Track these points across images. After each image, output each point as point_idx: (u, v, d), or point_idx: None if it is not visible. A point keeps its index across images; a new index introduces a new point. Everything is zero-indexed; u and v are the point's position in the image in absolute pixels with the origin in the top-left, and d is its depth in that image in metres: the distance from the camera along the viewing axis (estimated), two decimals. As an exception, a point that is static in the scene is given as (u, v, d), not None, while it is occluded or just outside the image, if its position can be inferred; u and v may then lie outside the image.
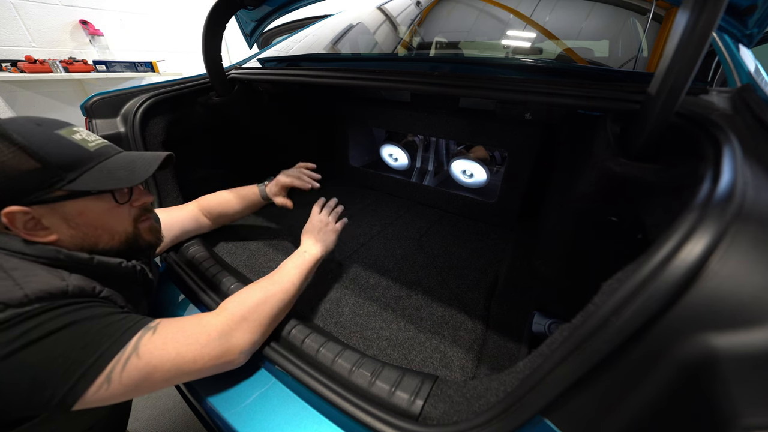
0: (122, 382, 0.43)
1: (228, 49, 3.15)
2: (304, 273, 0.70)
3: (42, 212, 0.46)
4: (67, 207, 0.48)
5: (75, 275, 0.48)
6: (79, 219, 0.50)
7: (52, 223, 0.48)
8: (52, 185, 0.46)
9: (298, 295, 0.68)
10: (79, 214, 0.50)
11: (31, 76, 2.00)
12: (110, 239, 0.54)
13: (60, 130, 0.48)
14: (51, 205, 0.47)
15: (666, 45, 0.46)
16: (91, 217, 0.51)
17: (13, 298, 0.40)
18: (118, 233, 0.55)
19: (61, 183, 0.46)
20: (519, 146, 1.14)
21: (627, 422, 0.31)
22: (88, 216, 0.51)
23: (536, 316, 0.75)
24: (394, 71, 0.86)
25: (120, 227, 0.55)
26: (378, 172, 1.57)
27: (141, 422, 1.18)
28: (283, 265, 0.70)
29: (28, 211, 0.45)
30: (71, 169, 0.47)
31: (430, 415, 0.47)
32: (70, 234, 0.50)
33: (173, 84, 1.06)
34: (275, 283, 0.64)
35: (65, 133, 0.48)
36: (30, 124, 0.46)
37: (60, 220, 0.48)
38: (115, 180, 0.50)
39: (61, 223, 0.48)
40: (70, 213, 0.49)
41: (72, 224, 0.49)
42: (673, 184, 0.50)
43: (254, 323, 0.57)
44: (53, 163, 0.45)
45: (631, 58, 0.94)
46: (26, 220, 0.45)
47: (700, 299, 0.29)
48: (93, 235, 0.52)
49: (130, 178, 0.52)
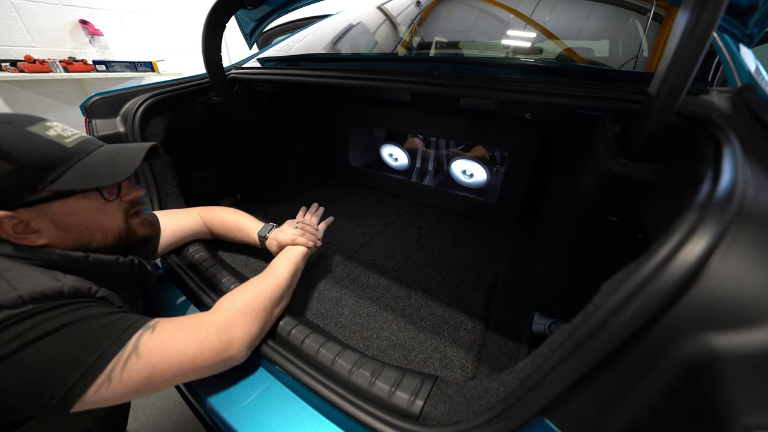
0: (123, 382, 0.43)
1: (228, 49, 3.14)
2: (292, 267, 0.72)
3: (29, 215, 0.45)
4: (53, 208, 0.47)
5: (70, 276, 0.47)
6: (69, 219, 0.49)
7: (41, 226, 0.47)
8: (34, 187, 0.44)
9: (291, 288, 0.70)
10: (68, 215, 0.49)
11: (31, 76, 2.00)
12: (103, 237, 0.54)
13: (32, 126, 0.46)
14: (37, 207, 0.45)
15: (666, 45, 0.46)
16: (81, 216, 0.50)
17: (6, 299, 0.39)
18: (111, 230, 0.54)
19: (43, 184, 0.44)
20: (519, 146, 1.14)
21: (627, 422, 0.31)
22: (78, 216, 0.50)
23: (536, 316, 0.75)
24: (394, 71, 0.86)
25: (111, 224, 0.54)
26: (378, 172, 1.57)
27: (141, 422, 1.18)
28: (273, 263, 0.73)
29: (14, 215, 0.44)
30: (50, 168, 0.45)
31: (430, 415, 0.47)
32: (62, 235, 0.49)
33: (173, 84, 1.06)
34: (267, 278, 0.66)
35: (38, 130, 0.46)
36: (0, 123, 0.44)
37: (49, 221, 0.47)
38: (99, 177, 0.48)
39: (51, 225, 0.47)
40: (58, 214, 0.48)
41: (62, 225, 0.48)
42: (673, 184, 0.50)
43: (251, 317, 0.57)
44: (28, 163, 0.43)
45: (631, 58, 0.94)
46: (14, 225, 0.44)
47: (700, 299, 0.29)
48: (85, 235, 0.51)
49: (114, 174, 0.50)
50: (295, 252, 0.76)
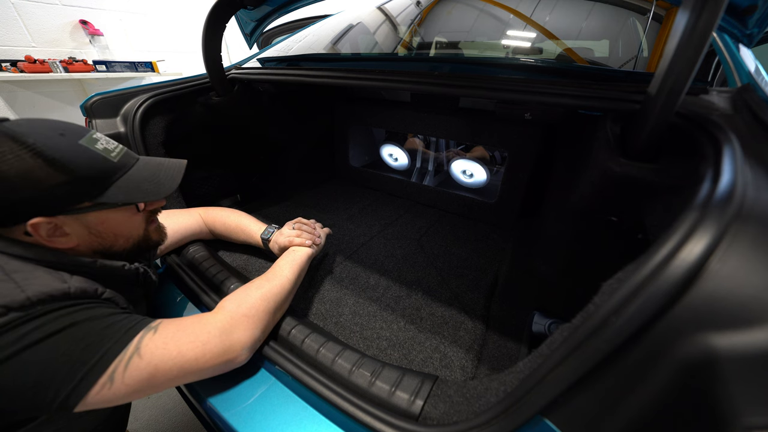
0: (125, 382, 0.43)
1: (228, 49, 3.14)
2: (297, 269, 0.71)
3: (65, 220, 0.47)
4: (90, 216, 0.50)
5: (77, 277, 0.48)
6: (101, 227, 0.51)
7: (73, 230, 0.49)
8: (81, 199, 0.47)
9: (294, 291, 0.70)
10: (101, 223, 0.51)
11: (31, 76, 2.00)
12: (125, 243, 0.56)
13: (82, 139, 0.48)
14: (75, 215, 0.48)
15: (666, 45, 0.46)
16: (113, 225, 0.53)
17: (15, 301, 0.40)
18: (134, 237, 0.58)
19: (90, 196, 0.48)
20: (519, 146, 1.14)
21: (627, 422, 0.31)
22: (110, 224, 0.52)
23: (536, 316, 0.75)
24: (394, 71, 0.86)
25: (136, 232, 0.58)
26: (378, 172, 1.57)
27: (141, 422, 1.18)
28: (277, 263, 0.72)
29: (51, 220, 0.46)
30: (98, 181, 0.48)
31: (430, 415, 0.47)
32: (90, 239, 0.51)
33: (173, 84, 1.06)
34: (271, 280, 0.66)
35: (88, 143, 0.48)
36: (54, 134, 0.46)
37: (82, 227, 0.50)
38: (143, 193, 0.52)
39: (83, 230, 0.50)
40: (92, 222, 0.50)
41: (93, 231, 0.51)
42: (674, 184, 0.50)
43: (254, 319, 0.57)
44: (82, 176, 0.46)
45: (631, 58, 0.94)
46: (49, 229, 0.46)
47: (700, 299, 0.29)
48: (110, 240, 0.54)
49: (157, 191, 0.54)
50: (299, 254, 0.76)
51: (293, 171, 1.53)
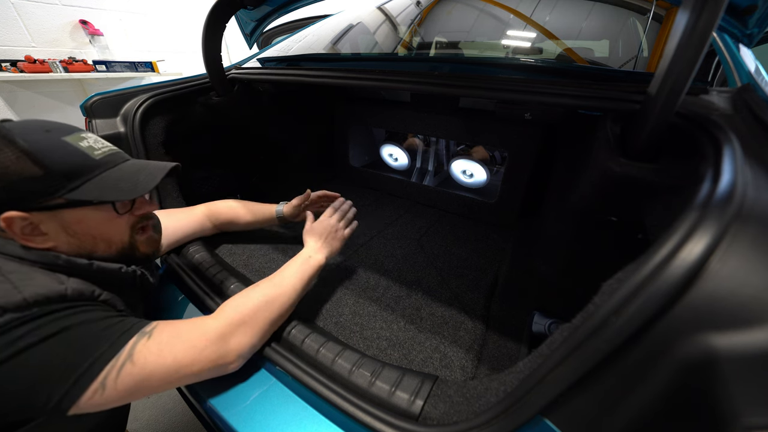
0: (117, 388, 0.43)
1: (228, 49, 3.14)
2: (306, 279, 0.67)
3: (41, 218, 0.46)
4: (66, 215, 0.48)
5: (74, 279, 0.48)
6: (78, 227, 0.49)
7: (50, 229, 0.47)
8: (53, 193, 0.45)
9: (298, 300, 0.66)
10: (78, 222, 0.49)
11: (31, 76, 2.00)
12: (107, 248, 0.54)
13: (67, 136, 0.47)
14: (50, 212, 0.46)
15: (666, 45, 0.46)
16: (90, 225, 0.51)
17: (11, 302, 0.40)
18: (115, 243, 0.55)
19: (62, 191, 0.46)
20: (519, 146, 1.14)
21: (627, 422, 0.31)
22: (87, 225, 0.50)
23: (536, 316, 0.75)
24: (394, 71, 0.86)
25: (117, 237, 0.55)
26: (378, 172, 1.57)
27: (141, 422, 1.18)
28: (285, 268, 0.67)
29: (27, 216, 0.44)
30: (74, 177, 0.46)
31: (430, 415, 0.47)
32: (68, 241, 0.49)
33: (173, 84, 1.06)
34: (275, 287, 0.62)
35: (72, 140, 0.48)
36: (39, 129, 0.46)
37: (58, 226, 0.48)
38: (117, 191, 0.50)
39: (60, 230, 0.48)
40: (68, 221, 0.48)
41: (70, 232, 0.49)
42: (674, 184, 0.50)
43: (252, 327, 0.56)
44: (56, 170, 0.44)
45: (631, 58, 0.94)
46: (24, 225, 0.45)
47: (700, 299, 0.29)
48: (90, 244, 0.52)
49: (132, 190, 0.51)
50: (311, 262, 0.70)
51: (293, 171, 1.53)
